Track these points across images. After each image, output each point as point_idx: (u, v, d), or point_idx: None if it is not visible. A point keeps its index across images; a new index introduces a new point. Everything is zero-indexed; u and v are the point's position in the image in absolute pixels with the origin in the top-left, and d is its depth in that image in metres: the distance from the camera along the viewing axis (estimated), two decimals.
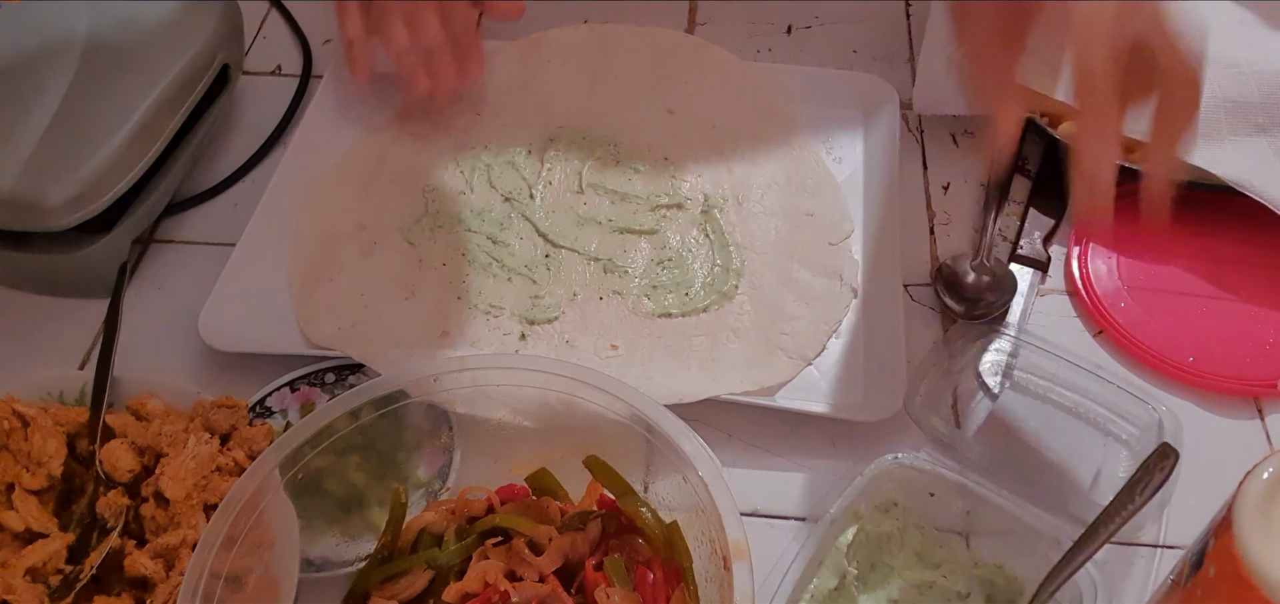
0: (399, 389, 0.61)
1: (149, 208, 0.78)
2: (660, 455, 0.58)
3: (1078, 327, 0.73)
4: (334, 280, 0.75)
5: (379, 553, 0.60)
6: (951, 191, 0.83)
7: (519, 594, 0.56)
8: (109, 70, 0.77)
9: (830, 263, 0.76)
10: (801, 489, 0.64)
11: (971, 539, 0.62)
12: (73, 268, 0.75)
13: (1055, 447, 0.66)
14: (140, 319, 0.75)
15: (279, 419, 0.68)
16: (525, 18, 0.91)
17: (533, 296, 0.75)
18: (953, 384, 0.69)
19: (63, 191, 0.70)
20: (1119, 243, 0.76)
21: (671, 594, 0.57)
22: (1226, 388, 0.68)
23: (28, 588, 0.57)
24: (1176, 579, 0.53)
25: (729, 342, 0.72)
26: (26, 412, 0.63)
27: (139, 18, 0.81)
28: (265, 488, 0.57)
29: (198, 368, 0.71)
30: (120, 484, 0.61)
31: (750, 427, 0.68)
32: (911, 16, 0.98)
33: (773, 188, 0.81)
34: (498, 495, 0.62)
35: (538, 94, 0.89)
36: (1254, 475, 0.47)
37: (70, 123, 0.74)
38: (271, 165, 0.85)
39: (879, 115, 0.85)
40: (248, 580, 0.56)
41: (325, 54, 0.96)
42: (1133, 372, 0.69)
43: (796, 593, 0.58)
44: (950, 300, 0.73)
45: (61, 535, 0.60)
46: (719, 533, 0.53)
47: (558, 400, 0.61)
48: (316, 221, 0.79)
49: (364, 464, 0.63)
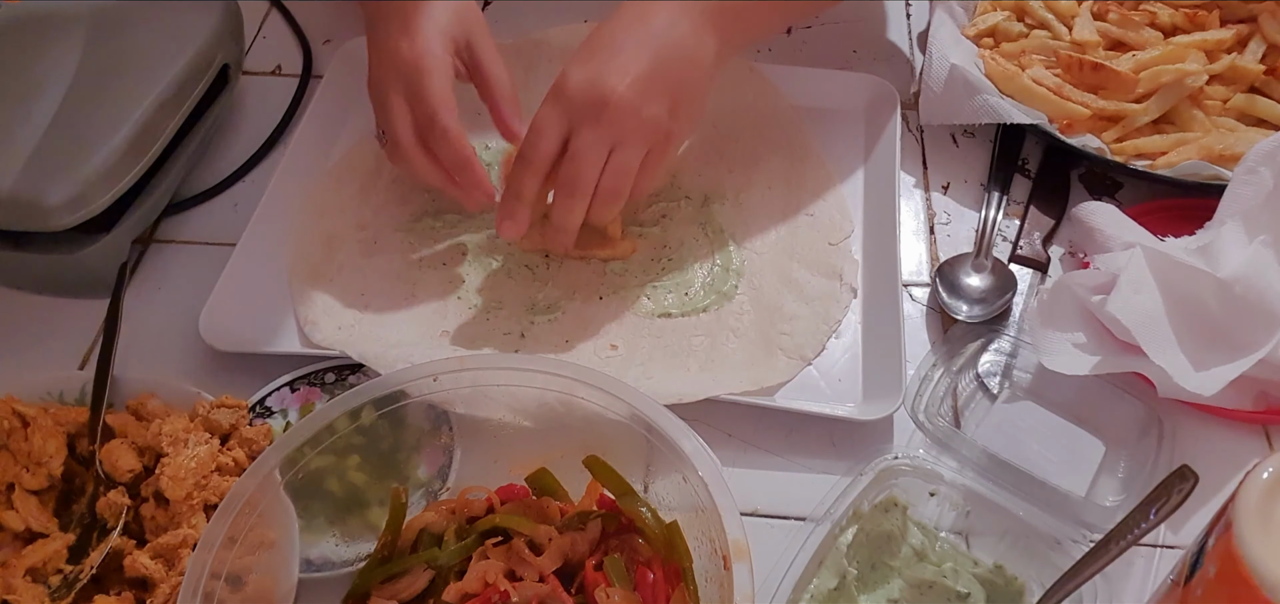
0: (399, 389, 0.61)
1: (149, 208, 0.78)
2: (660, 455, 0.58)
3: None
4: (334, 280, 0.75)
5: (379, 553, 0.60)
6: (951, 191, 0.83)
7: (519, 594, 0.56)
8: (109, 70, 0.77)
9: (830, 263, 0.76)
10: (801, 489, 0.64)
11: (971, 539, 0.62)
12: (73, 268, 0.75)
13: (1054, 447, 0.66)
14: (140, 319, 0.75)
15: (279, 419, 0.68)
16: (525, 17, 0.91)
17: (533, 296, 0.75)
18: (953, 384, 0.69)
19: (63, 191, 0.70)
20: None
21: (671, 594, 0.57)
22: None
23: (28, 588, 0.57)
24: (1176, 579, 0.53)
25: (729, 342, 0.72)
26: (26, 412, 0.63)
27: (139, 18, 0.81)
28: (265, 488, 0.57)
29: (198, 368, 0.71)
30: (120, 484, 0.61)
31: (750, 427, 0.68)
32: (911, 16, 0.98)
33: (773, 188, 0.81)
34: (498, 495, 0.62)
35: (538, 94, 0.88)
36: (1254, 475, 0.47)
37: (70, 123, 0.74)
38: (271, 165, 0.85)
39: (879, 115, 0.85)
40: (248, 580, 0.56)
41: (325, 54, 0.96)
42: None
43: (796, 593, 0.58)
44: (950, 300, 0.73)
45: (61, 535, 0.60)
46: (719, 533, 0.53)
47: (557, 400, 0.61)
48: (316, 221, 0.79)
49: (364, 464, 0.63)
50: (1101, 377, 0.65)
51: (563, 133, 0.67)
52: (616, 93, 0.66)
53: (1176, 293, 0.65)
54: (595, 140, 0.66)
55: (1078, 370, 0.65)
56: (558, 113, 0.67)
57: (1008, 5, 0.91)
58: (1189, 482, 0.53)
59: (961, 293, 0.74)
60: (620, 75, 0.66)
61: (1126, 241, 0.69)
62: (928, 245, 0.79)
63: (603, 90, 0.66)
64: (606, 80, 0.66)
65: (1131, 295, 0.64)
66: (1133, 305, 0.64)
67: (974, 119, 0.81)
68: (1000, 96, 0.81)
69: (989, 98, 0.80)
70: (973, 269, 0.75)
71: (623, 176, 0.68)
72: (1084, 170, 0.83)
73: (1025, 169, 0.83)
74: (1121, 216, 0.72)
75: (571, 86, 0.67)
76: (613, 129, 0.66)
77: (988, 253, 0.76)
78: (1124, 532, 0.54)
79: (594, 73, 0.67)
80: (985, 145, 0.85)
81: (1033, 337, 0.68)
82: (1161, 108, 0.80)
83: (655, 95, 0.67)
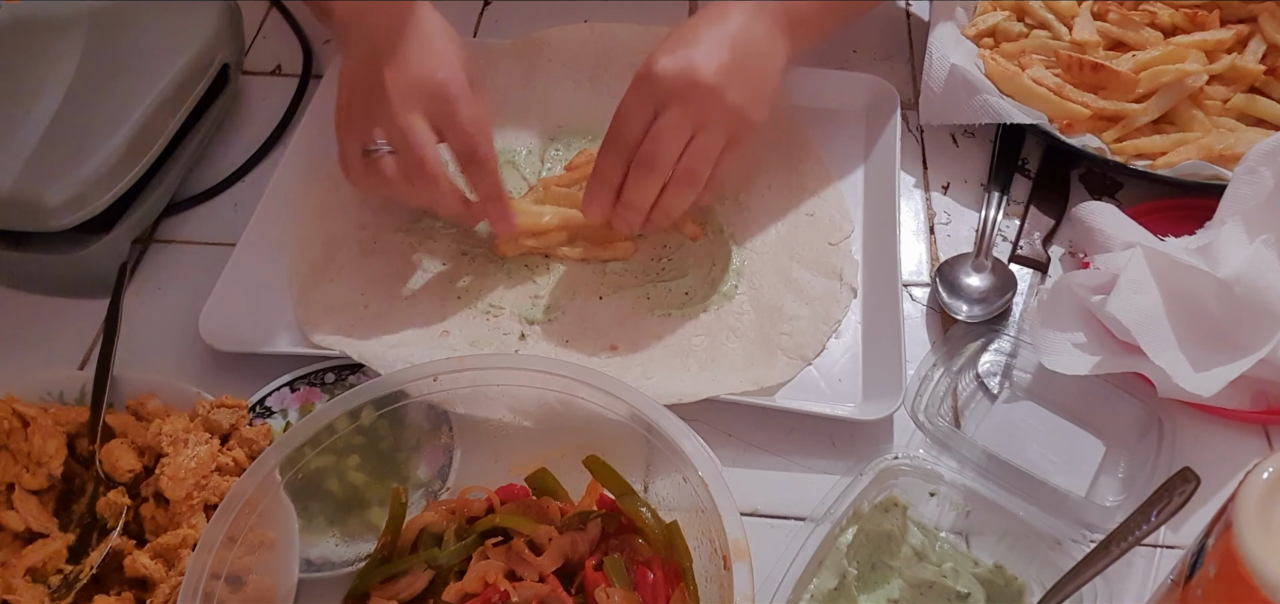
0: (399, 389, 0.61)
1: (149, 208, 0.78)
2: (660, 455, 0.58)
3: None
4: (334, 280, 0.75)
5: (379, 553, 0.60)
6: (951, 191, 0.83)
7: (519, 594, 0.56)
8: (109, 70, 0.77)
9: (830, 263, 0.76)
10: (801, 489, 0.64)
11: (971, 539, 0.62)
12: (73, 268, 0.75)
13: (1054, 447, 0.66)
14: (140, 319, 0.75)
15: (279, 419, 0.68)
16: (525, 17, 0.91)
17: (533, 296, 0.75)
18: (953, 384, 0.69)
19: (63, 191, 0.70)
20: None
21: (671, 594, 0.57)
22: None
23: (28, 588, 0.57)
24: (1176, 579, 0.53)
25: (729, 341, 0.72)
26: (26, 412, 0.63)
27: (139, 18, 0.81)
28: (265, 488, 0.57)
29: (198, 368, 0.71)
30: (120, 484, 0.61)
31: (750, 427, 0.68)
32: (911, 16, 0.98)
33: (773, 188, 0.81)
34: (498, 495, 0.62)
35: (538, 94, 0.89)
36: (1254, 475, 0.47)
37: (70, 123, 0.74)
38: (271, 165, 0.85)
39: (879, 115, 0.85)
40: (248, 580, 0.56)
41: (325, 54, 0.96)
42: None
43: (796, 593, 0.58)
44: (950, 300, 0.73)
45: (61, 535, 0.60)
46: (719, 533, 0.53)
47: (557, 400, 0.61)
48: (316, 221, 0.79)
49: (364, 464, 0.63)
50: (1101, 377, 0.65)
51: (648, 117, 0.69)
52: (703, 75, 0.68)
53: (1176, 293, 0.65)
54: (680, 120, 0.68)
55: (1078, 370, 0.65)
56: (644, 96, 0.69)
57: (1008, 5, 0.91)
58: (1191, 484, 0.53)
59: (961, 293, 0.74)
60: (706, 60, 0.68)
61: (1126, 241, 0.69)
62: (928, 245, 0.79)
63: (691, 73, 0.68)
64: (694, 63, 0.68)
65: (1131, 295, 0.64)
66: (1133, 305, 0.64)
67: (974, 119, 0.81)
68: (1000, 96, 0.81)
69: (989, 98, 0.80)
70: (973, 269, 0.75)
71: (702, 159, 0.69)
72: (1084, 170, 0.83)
73: (1025, 169, 0.83)
74: (1121, 216, 0.72)
75: (659, 70, 0.68)
76: (698, 111, 0.68)
77: (988, 253, 0.76)
78: (1125, 533, 0.54)
79: (682, 59, 0.68)
80: (985, 145, 0.85)
81: (1033, 337, 0.68)
82: (1161, 108, 0.80)
83: (738, 83, 0.69)
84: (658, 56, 0.69)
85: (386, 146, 0.70)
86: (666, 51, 0.69)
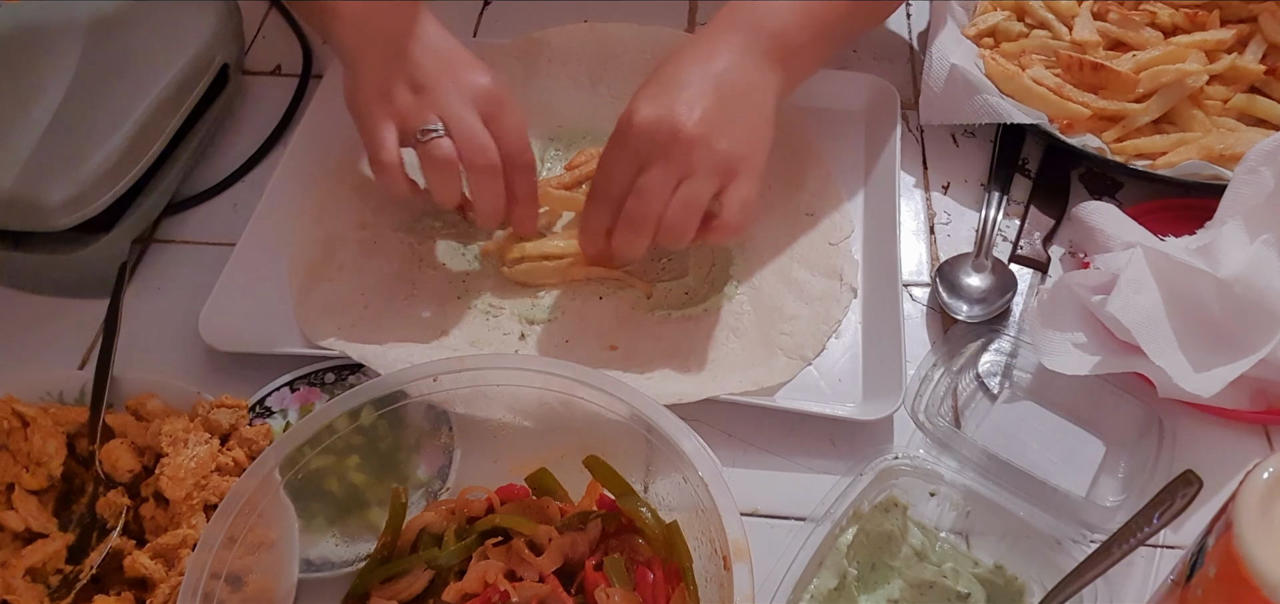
0: (399, 389, 0.61)
1: (149, 208, 0.78)
2: (660, 455, 0.58)
3: None
4: (334, 280, 0.75)
5: (379, 553, 0.60)
6: (951, 191, 0.83)
7: (519, 594, 0.56)
8: (109, 70, 0.77)
9: (830, 263, 0.76)
10: (801, 489, 0.64)
11: (971, 539, 0.62)
12: (73, 268, 0.75)
13: (1054, 447, 0.66)
14: (140, 319, 0.75)
15: (279, 419, 0.68)
16: (525, 17, 0.91)
17: (532, 296, 0.75)
18: (953, 384, 0.69)
19: (63, 191, 0.70)
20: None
21: (671, 594, 0.57)
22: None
23: (28, 588, 0.57)
24: (1176, 579, 0.53)
25: (729, 341, 0.72)
26: (26, 412, 0.63)
27: (139, 18, 0.81)
28: (265, 488, 0.57)
29: (198, 368, 0.71)
30: (120, 484, 0.61)
31: (750, 427, 0.68)
32: (911, 16, 0.98)
33: (773, 188, 0.81)
34: (498, 495, 0.62)
35: (538, 93, 0.89)
36: (1254, 475, 0.47)
37: (70, 123, 0.74)
38: (271, 165, 0.85)
39: (879, 115, 0.85)
40: (248, 580, 0.56)
41: (325, 53, 0.96)
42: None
43: (796, 593, 0.58)
44: (950, 300, 0.73)
45: (61, 535, 0.60)
46: (719, 533, 0.53)
47: (557, 400, 0.61)
48: (316, 221, 0.79)
49: (364, 464, 0.63)
50: (1101, 377, 0.65)
51: (632, 171, 0.67)
52: (686, 129, 0.65)
53: (1177, 293, 0.65)
54: (663, 176, 0.66)
55: (1078, 370, 0.65)
56: (626, 150, 0.67)
57: (1008, 5, 0.91)
58: (1193, 487, 0.53)
59: (961, 293, 0.74)
60: (688, 111, 0.66)
61: (1127, 241, 0.69)
62: (928, 245, 0.79)
63: (672, 127, 0.65)
64: (675, 115, 0.65)
65: (1132, 295, 0.64)
66: (1133, 305, 0.64)
67: (974, 119, 0.81)
68: (1000, 96, 0.81)
69: (989, 98, 0.80)
70: (973, 269, 0.75)
71: (688, 210, 0.66)
72: (1084, 170, 0.83)
73: (1025, 169, 0.83)
74: (1122, 216, 0.72)
75: (638, 123, 0.66)
76: (681, 164, 0.66)
77: (988, 253, 0.76)
78: (1127, 535, 0.54)
79: (663, 108, 0.66)
80: (985, 145, 0.85)
81: (1033, 337, 0.68)
82: (1162, 108, 0.80)
83: (724, 129, 0.66)
84: (640, 104, 0.67)
85: (441, 130, 0.69)
86: (648, 98, 0.67)
